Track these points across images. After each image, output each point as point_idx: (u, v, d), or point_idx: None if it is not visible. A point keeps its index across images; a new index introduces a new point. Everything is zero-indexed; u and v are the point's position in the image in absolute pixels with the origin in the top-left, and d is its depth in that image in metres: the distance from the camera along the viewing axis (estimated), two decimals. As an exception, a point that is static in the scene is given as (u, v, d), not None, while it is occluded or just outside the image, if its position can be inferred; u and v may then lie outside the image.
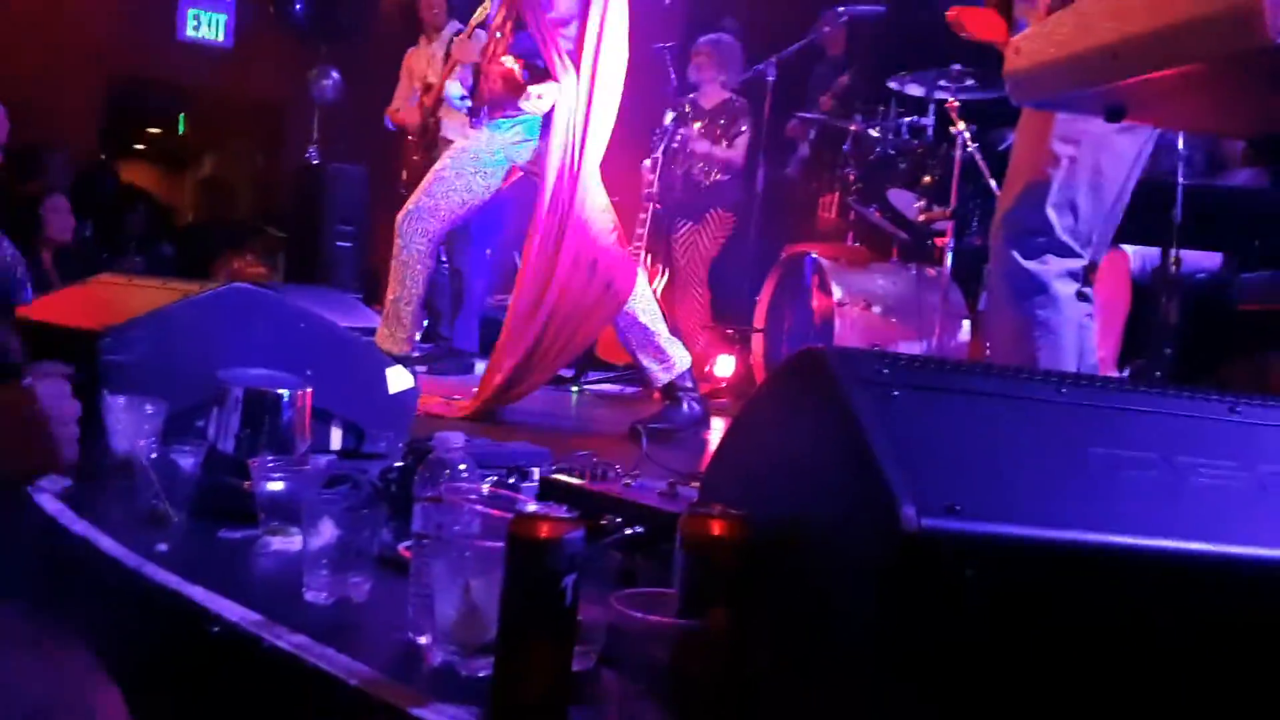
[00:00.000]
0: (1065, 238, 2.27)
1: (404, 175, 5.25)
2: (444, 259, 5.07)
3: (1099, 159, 2.27)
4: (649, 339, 3.44)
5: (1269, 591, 0.92)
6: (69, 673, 0.78)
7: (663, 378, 3.47)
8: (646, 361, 3.46)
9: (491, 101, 3.51)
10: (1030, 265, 2.27)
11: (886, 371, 1.02)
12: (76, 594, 1.44)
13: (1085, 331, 2.39)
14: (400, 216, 3.60)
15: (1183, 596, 0.91)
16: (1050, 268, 2.28)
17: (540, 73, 3.40)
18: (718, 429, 3.92)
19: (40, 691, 0.73)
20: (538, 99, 3.36)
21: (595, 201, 3.44)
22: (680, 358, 3.49)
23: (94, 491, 1.73)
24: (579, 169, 3.38)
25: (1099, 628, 0.90)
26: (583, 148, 3.38)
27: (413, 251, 3.54)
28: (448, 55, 4.87)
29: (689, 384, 3.52)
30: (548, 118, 3.42)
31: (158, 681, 1.28)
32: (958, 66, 4.27)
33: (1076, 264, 2.31)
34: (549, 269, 3.39)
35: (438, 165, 3.67)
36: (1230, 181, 3.55)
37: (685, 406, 3.49)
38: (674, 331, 5.05)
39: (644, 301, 3.46)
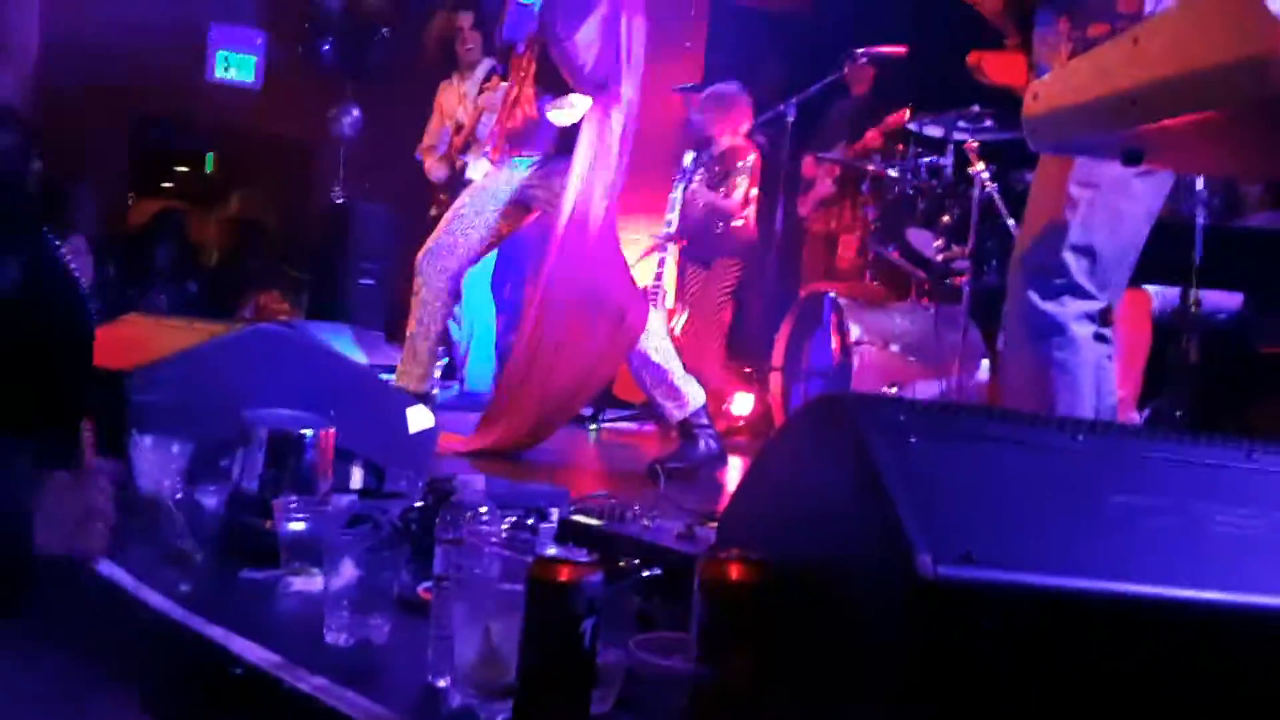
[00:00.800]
0: (1083, 280, 2.28)
1: (433, 212, 5.29)
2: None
3: (1117, 203, 2.28)
4: (663, 377, 3.46)
5: (1287, 641, 0.92)
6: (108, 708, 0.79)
7: (677, 415, 3.48)
8: (660, 399, 3.48)
9: (511, 136, 3.55)
10: (1048, 307, 2.28)
11: (904, 418, 1.03)
12: (105, 636, 1.46)
13: (1104, 373, 2.39)
14: (420, 254, 3.64)
15: (1200, 645, 0.91)
16: (1068, 309, 2.29)
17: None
18: (735, 467, 3.92)
19: None
20: (569, 108, 3.39)
21: (608, 239, 3.47)
22: (694, 395, 3.50)
23: (119, 531, 1.75)
24: (594, 204, 3.42)
25: (1116, 676, 0.90)
26: (601, 182, 3.42)
27: (433, 289, 3.58)
28: (480, 92, 4.93)
29: (705, 421, 3.53)
30: (567, 153, 3.46)
31: (180, 721, 1.29)
32: (977, 107, 4.30)
33: (1094, 306, 2.31)
34: (560, 308, 3.43)
35: (457, 204, 3.71)
36: (1249, 223, 3.55)
37: (702, 444, 3.50)
38: (691, 369, 5.08)
39: (657, 339, 3.48)
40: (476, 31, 5.35)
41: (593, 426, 4.78)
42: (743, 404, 5.07)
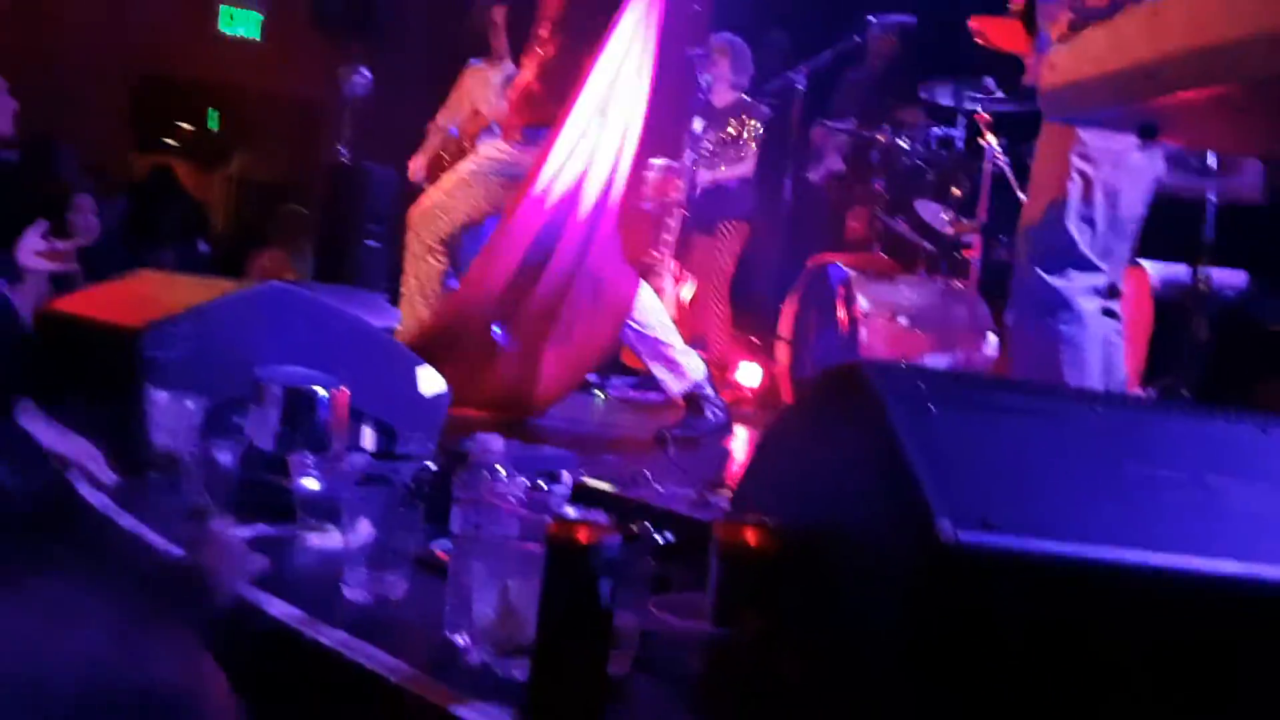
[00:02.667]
0: (1086, 252, 2.29)
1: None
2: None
3: (1117, 175, 2.30)
4: (659, 351, 3.48)
5: (1300, 613, 0.94)
6: (181, 651, 0.81)
7: (675, 387, 3.50)
8: (659, 372, 3.49)
9: (526, 103, 3.51)
10: (1054, 281, 2.29)
11: (923, 387, 1.04)
12: (126, 587, 1.47)
13: (1112, 348, 2.40)
14: (413, 210, 3.61)
15: (1214, 615, 0.93)
16: (1074, 283, 2.30)
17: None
18: (742, 437, 3.94)
19: (162, 669, 0.76)
20: None
21: (608, 220, 3.46)
22: (694, 368, 3.51)
23: (137, 486, 1.77)
24: (614, 182, 3.40)
25: (1129, 643, 0.91)
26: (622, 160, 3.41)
27: (423, 246, 3.56)
28: (506, 84, 4.86)
29: (710, 392, 3.54)
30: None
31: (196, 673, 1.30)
32: (990, 79, 4.27)
33: (1099, 279, 2.32)
34: (554, 283, 3.41)
35: (461, 167, 3.68)
36: (1258, 199, 3.54)
37: (709, 414, 3.51)
38: (697, 339, 5.08)
39: (651, 315, 3.48)
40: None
41: (598, 393, 4.79)
42: (749, 374, 5.08)
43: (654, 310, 3.50)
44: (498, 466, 1.40)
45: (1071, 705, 0.91)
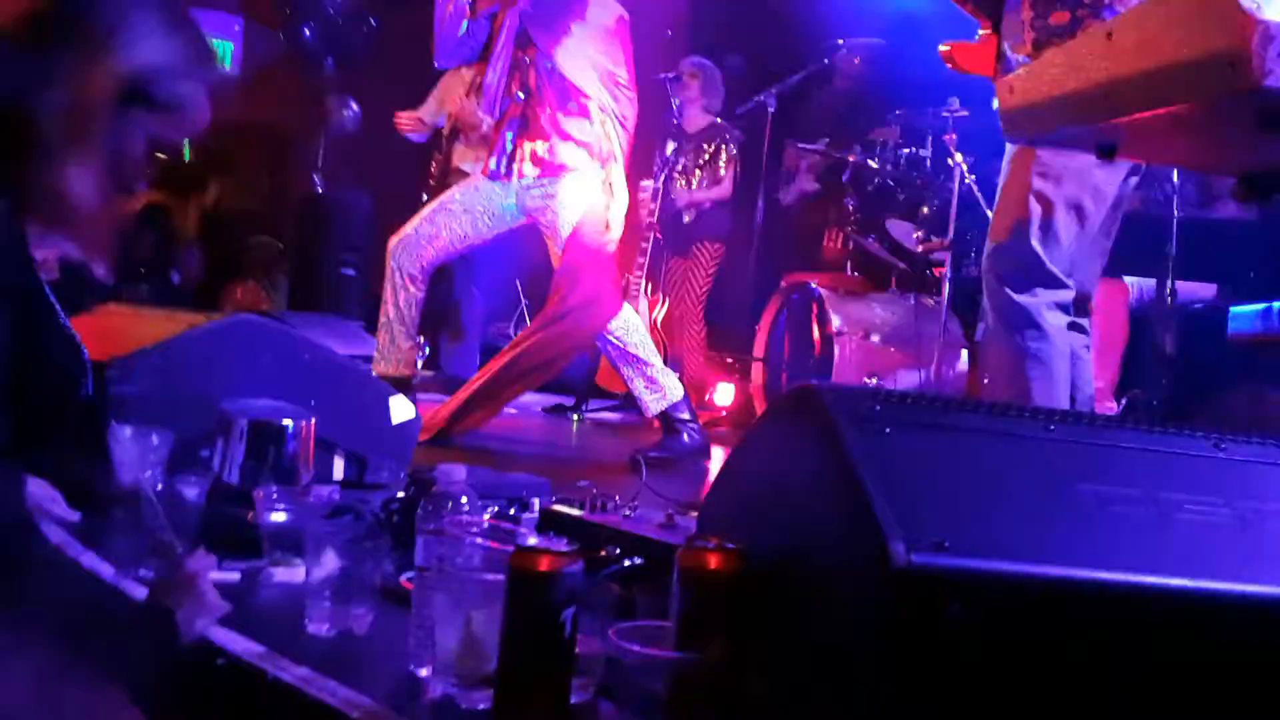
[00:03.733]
0: (1051, 268, 2.32)
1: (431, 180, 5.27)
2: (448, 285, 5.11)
3: (1079, 192, 2.33)
4: (642, 370, 3.51)
5: (1252, 626, 0.94)
6: (98, 697, 0.80)
7: (654, 407, 3.52)
8: (639, 391, 3.53)
9: (533, 157, 3.53)
10: (1020, 298, 2.32)
11: (879, 409, 1.05)
12: (84, 625, 1.46)
13: (1080, 363, 2.42)
14: (394, 240, 3.62)
15: (1168, 631, 0.93)
16: (1039, 300, 2.32)
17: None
18: (718, 458, 3.94)
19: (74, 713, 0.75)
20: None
21: (594, 228, 3.48)
22: (673, 389, 3.54)
23: (99, 522, 1.75)
24: (599, 222, 3.44)
25: (1085, 660, 0.92)
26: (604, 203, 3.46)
27: (404, 275, 3.57)
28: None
29: (686, 414, 3.56)
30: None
31: (165, 713, 1.29)
32: (955, 100, 4.32)
33: (1065, 295, 2.35)
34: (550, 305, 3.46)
35: (445, 196, 3.69)
36: (1221, 214, 3.59)
37: (685, 436, 3.53)
38: (673, 360, 5.09)
39: (635, 334, 3.51)
40: None
41: (575, 416, 4.79)
42: (724, 394, 5.10)
43: (637, 329, 3.53)
44: (461, 497, 1.40)
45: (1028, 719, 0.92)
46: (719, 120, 5.37)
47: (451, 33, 3.42)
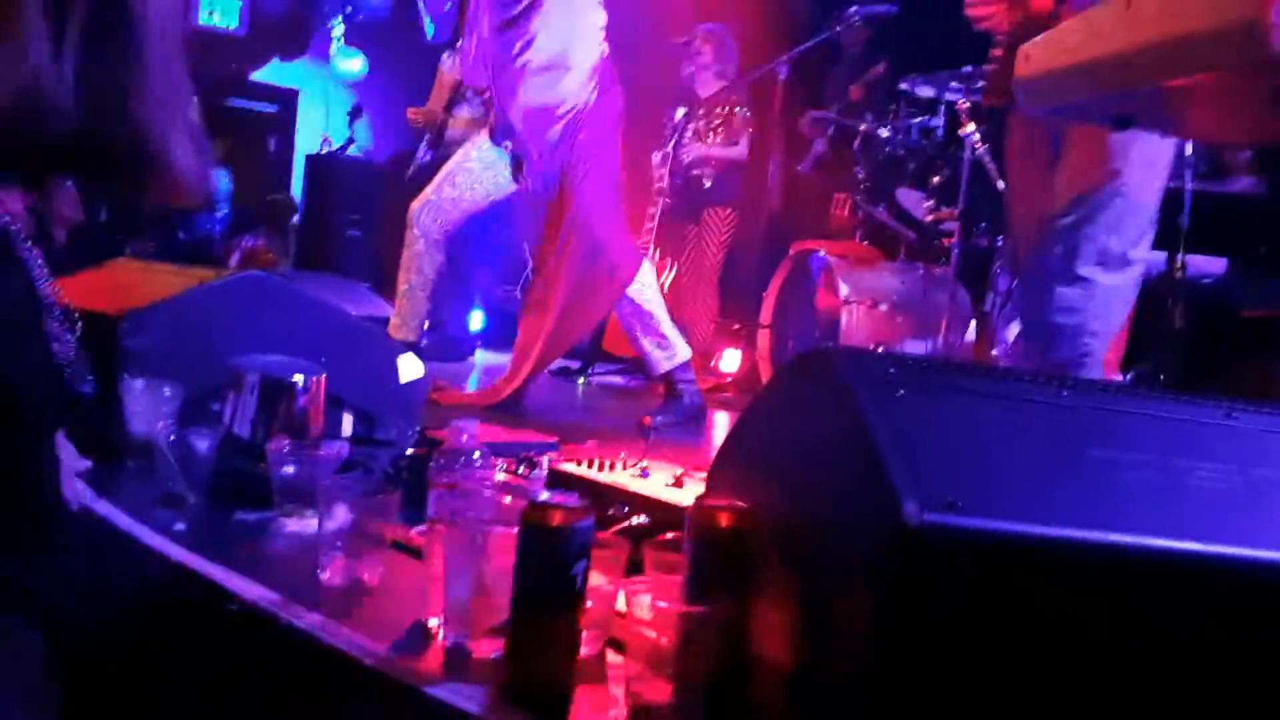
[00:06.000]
0: (1117, 248, 2.32)
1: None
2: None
3: (1144, 168, 2.33)
4: (652, 325, 3.51)
5: (1260, 591, 0.95)
6: None
7: (664, 364, 3.53)
8: (649, 347, 3.52)
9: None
10: (1085, 272, 2.32)
11: (893, 371, 1.05)
12: (96, 572, 1.48)
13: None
14: (416, 206, 3.62)
15: (1176, 594, 0.94)
16: (1106, 279, 2.34)
17: None
18: (721, 423, 3.95)
19: None
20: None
21: (602, 190, 3.48)
22: (682, 349, 3.56)
23: (113, 473, 1.76)
24: (599, 179, 3.43)
25: (1092, 621, 0.93)
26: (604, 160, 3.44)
27: (430, 241, 3.58)
28: None
29: (689, 376, 3.58)
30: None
31: (176, 656, 1.31)
32: (969, 68, 4.29)
33: (1135, 271, 2.36)
34: (559, 260, 3.44)
35: (461, 156, 3.69)
36: (1233, 187, 3.57)
37: (686, 398, 3.56)
38: (681, 326, 5.10)
39: (649, 291, 3.52)
40: None
41: (581, 379, 4.81)
42: (731, 361, 5.10)
43: (651, 285, 3.54)
44: (474, 452, 1.41)
45: (1036, 680, 0.93)
46: (730, 85, 5.34)
47: (438, 5, 3.41)
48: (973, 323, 4.30)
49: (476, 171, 3.58)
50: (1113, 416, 1.09)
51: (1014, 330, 4.29)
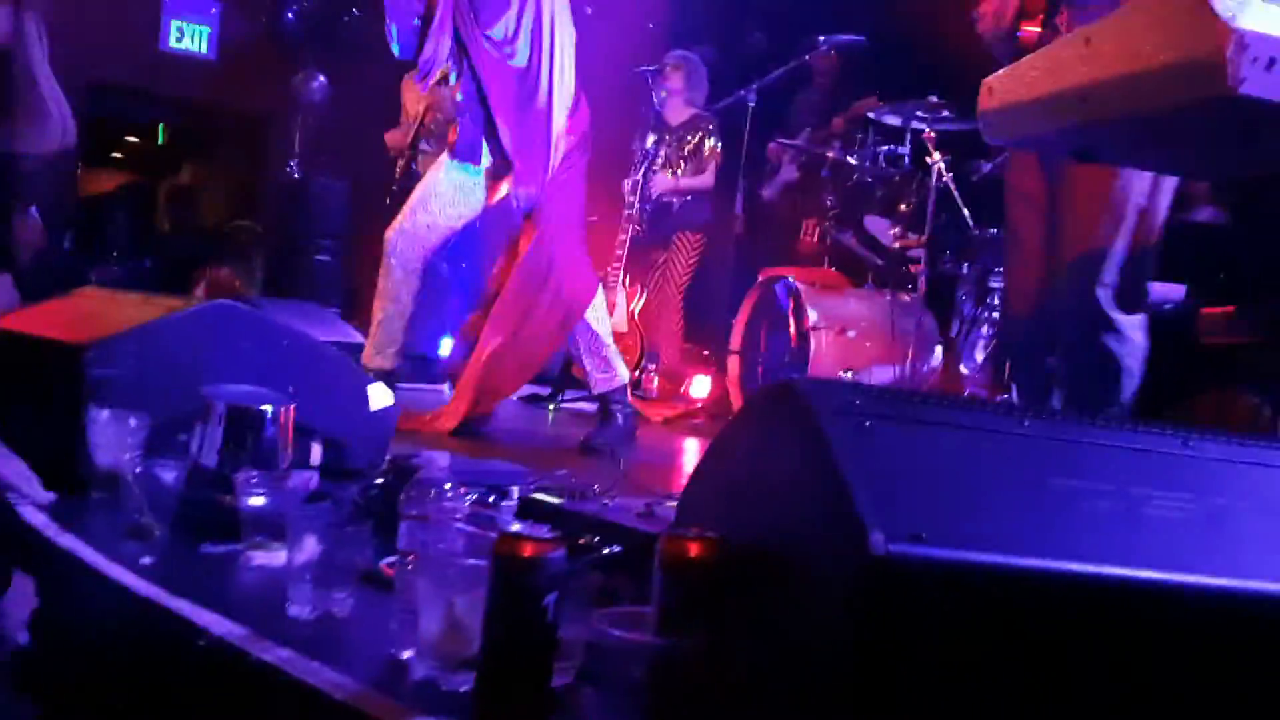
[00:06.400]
0: (1143, 285, 2.38)
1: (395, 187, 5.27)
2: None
3: (1166, 198, 2.39)
4: (596, 347, 3.59)
5: (1217, 618, 0.97)
6: None
7: (602, 385, 3.63)
8: (590, 366, 3.62)
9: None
10: (1123, 317, 2.36)
11: (859, 402, 1.07)
12: (61, 606, 1.46)
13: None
14: (391, 235, 3.59)
15: (1136, 622, 0.96)
16: (1136, 318, 2.39)
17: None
18: (691, 449, 3.97)
19: None
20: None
21: (568, 211, 3.52)
22: (622, 373, 3.66)
23: (77, 505, 1.75)
24: (546, 178, 3.47)
25: (1056, 650, 0.94)
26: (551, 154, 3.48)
27: (410, 270, 3.56)
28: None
29: (623, 398, 3.66)
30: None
31: (144, 693, 1.30)
32: (935, 98, 4.36)
33: (1145, 311, 2.42)
34: (517, 277, 3.48)
35: (429, 181, 3.69)
36: (1196, 217, 3.64)
37: (620, 419, 3.63)
38: (650, 351, 5.13)
39: (598, 310, 3.60)
40: None
41: (551, 406, 4.81)
42: (701, 386, 5.12)
43: (601, 306, 3.64)
44: (444, 484, 1.41)
45: (1001, 706, 0.94)
46: (702, 112, 5.39)
47: (406, 21, 3.43)
48: (939, 348, 4.35)
49: (448, 195, 3.58)
50: (1072, 446, 1.11)
51: (980, 355, 4.34)
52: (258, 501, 1.65)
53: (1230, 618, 0.98)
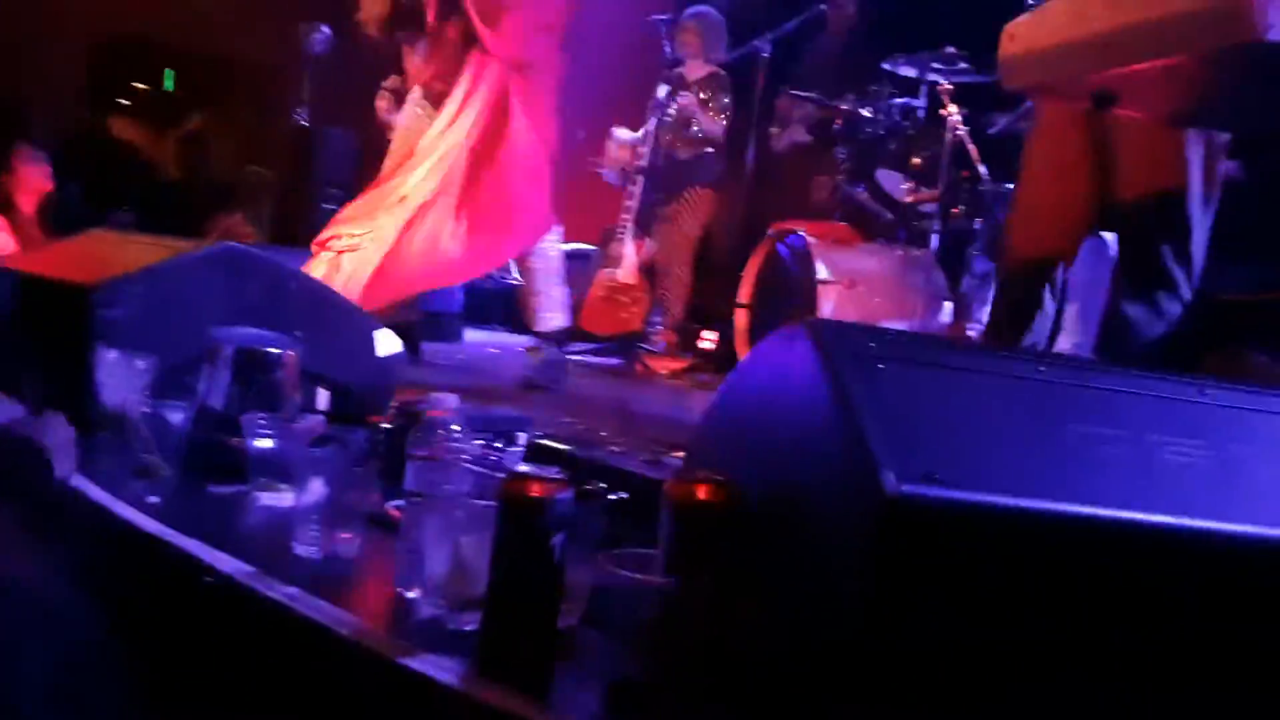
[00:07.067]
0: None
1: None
2: None
3: (1218, 166, 2.37)
4: (549, 287, 3.69)
5: (1228, 563, 0.97)
6: None
7: (543, 324, 3.71)
8: (537, 305, 3.70)
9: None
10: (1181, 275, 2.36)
11: (874, 345, 1.06)
12: (71, 544, 1.47)
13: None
14: None
15: (1148, 566, 0.95)
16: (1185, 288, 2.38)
17: None
18: (700, 402, 3.95)
19: None
20: None
21: (531, 147, 3.51)
22: (563, 317, 3.77)
23: (85, 444, 1.74)
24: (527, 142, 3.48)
25: (1066, 592, 0.94)
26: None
27: None
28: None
29: (558, 341, 3.78)
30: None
31: (151, 629, 1.30)
32: (951, 49, 4.29)
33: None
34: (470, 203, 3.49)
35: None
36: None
37: (549, 356, 3.71)
38: (659, 303, 5.12)
39: (554, 253, 3.70)
40: None
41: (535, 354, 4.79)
42: (708, 339, 5.10)
43: (558, 251, 3.75)
44: (452, 424, 1.40)
45: (1012, 646, 0.94)
46: (720, 71, 5.32)
47: None
48: (949, 305, 4.32)
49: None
50: (1088, 392, 1.10)
51: (987, 312, 4.31)
52: (265, 443, 1.65)
53: (1241, 563, 0.97)
